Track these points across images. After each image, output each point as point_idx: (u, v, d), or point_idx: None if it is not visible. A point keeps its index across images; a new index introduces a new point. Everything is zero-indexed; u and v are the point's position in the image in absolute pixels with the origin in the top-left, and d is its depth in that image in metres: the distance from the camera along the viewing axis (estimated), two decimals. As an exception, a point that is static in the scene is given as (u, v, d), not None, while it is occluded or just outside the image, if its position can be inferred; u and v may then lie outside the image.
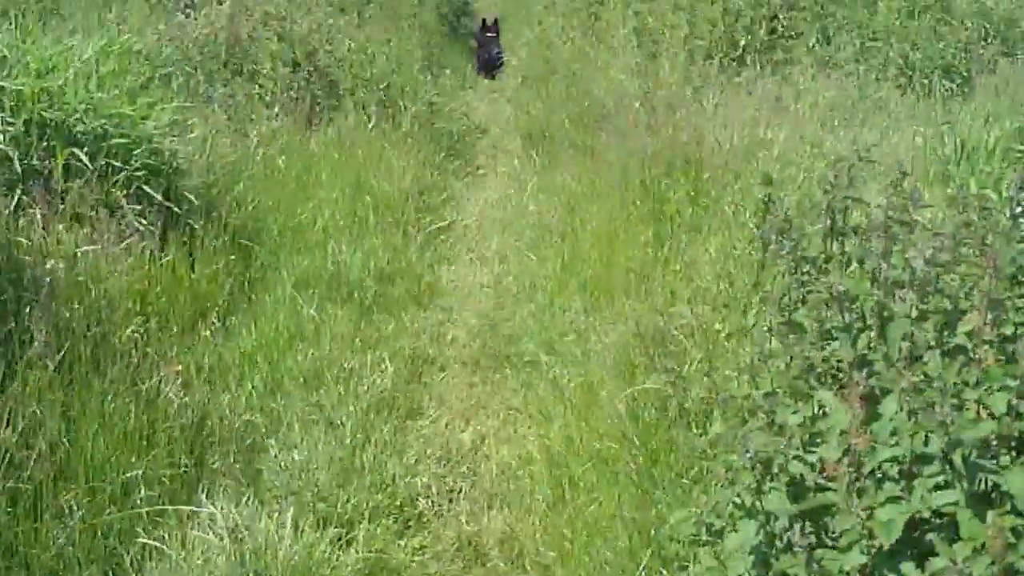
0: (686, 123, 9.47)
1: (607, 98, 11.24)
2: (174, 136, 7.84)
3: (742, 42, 12.34)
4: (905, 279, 3.47)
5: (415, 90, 12.19)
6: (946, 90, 11.11)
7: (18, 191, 6.50)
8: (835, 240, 4.32)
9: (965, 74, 11.58)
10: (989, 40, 12.20)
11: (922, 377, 3.19)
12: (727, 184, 8.05)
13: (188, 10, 12.26)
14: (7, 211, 6.07)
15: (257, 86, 11.01)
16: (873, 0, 13.16)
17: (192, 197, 7.53)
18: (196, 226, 7.31)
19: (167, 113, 8.01)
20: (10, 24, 8.56)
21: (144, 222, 6.88)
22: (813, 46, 12.24)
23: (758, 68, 11.76)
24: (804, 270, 4.14)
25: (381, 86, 11.57)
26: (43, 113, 6.87)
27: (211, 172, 8.16)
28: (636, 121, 9.92)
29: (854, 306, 3.65)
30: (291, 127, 10.34)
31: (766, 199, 5.26)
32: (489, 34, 17.20)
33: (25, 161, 6.67)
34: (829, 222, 4.29)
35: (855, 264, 4.14)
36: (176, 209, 7.27)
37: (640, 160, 8.84)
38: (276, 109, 10.67)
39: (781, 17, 12.82)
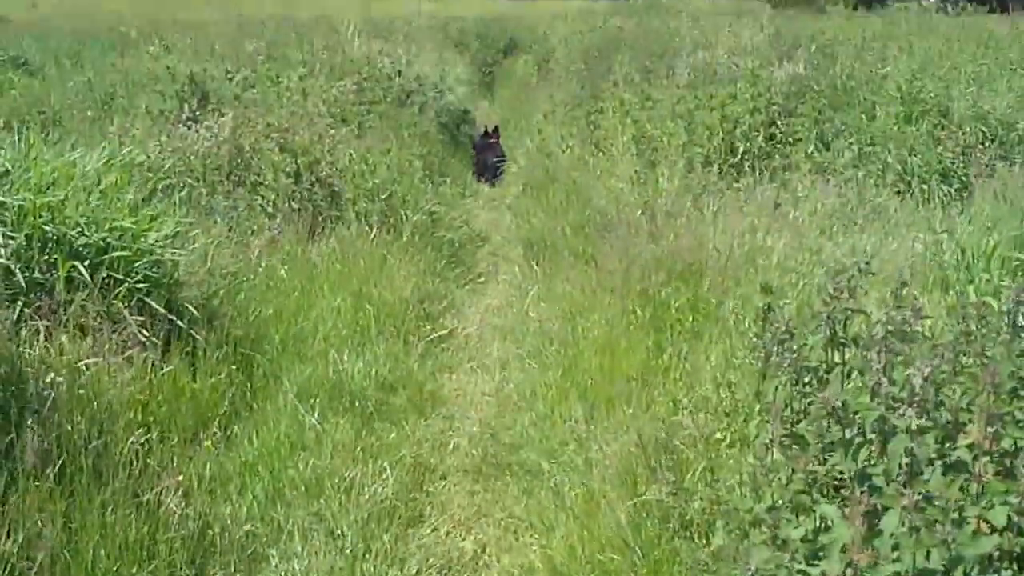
0: (686, 230, 9.54)
1: (607, 206, 11.32)
2: (176, 248, 7.88)
3: (741, 148, 12.38)
4: (905, 396, 3.47)
5: (416, 199, 12.26)
6: (945, 195, 11.12)
7: (20, 303, 6.54)
8: (836, 350, 4.33)
9: (964, 179, 11.52)
10: (987, 144, 12.19)
11: (923, 493, 3.19)
12: (727, 290, 8.09)
13: (191, 122, 12.39)
14: (9, 323, 6.09)
15: (259, 197, 11.09)
16: (871, 106, 13.27)
17: (194, 308, 7.57)
18: (198, 336, 7.35)
19: (169, 225, 8.07)
20: (14, 136, 8.67)
21: (146, 333, 6.92)
22: (811, 152, 12.25)
23: (757, 174, 11.79)
24: (805, 380, 4.15)
25: (382, 196, 11.61)
26: (45, 227, 6.93)
27: (213, 283, 8.22)
28: (636, 229, 9.97)
29: (855, 419, 3.65)
30: (293, 237, 10.39)
31: (766, 308, 5.29)
32: (489, 139, 17.31)
33: (27, 274, 6.71)
34: (829, 332, 4.31)
35: (856, 375, 4.16)
36: (178, 321, 7.29)
37: (640, 268, 8.88)
38: (278, 219, 10.74)
39: (779, 123, 12.88)
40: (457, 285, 11.28)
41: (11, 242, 6.73)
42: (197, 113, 12.99)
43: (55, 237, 6.96)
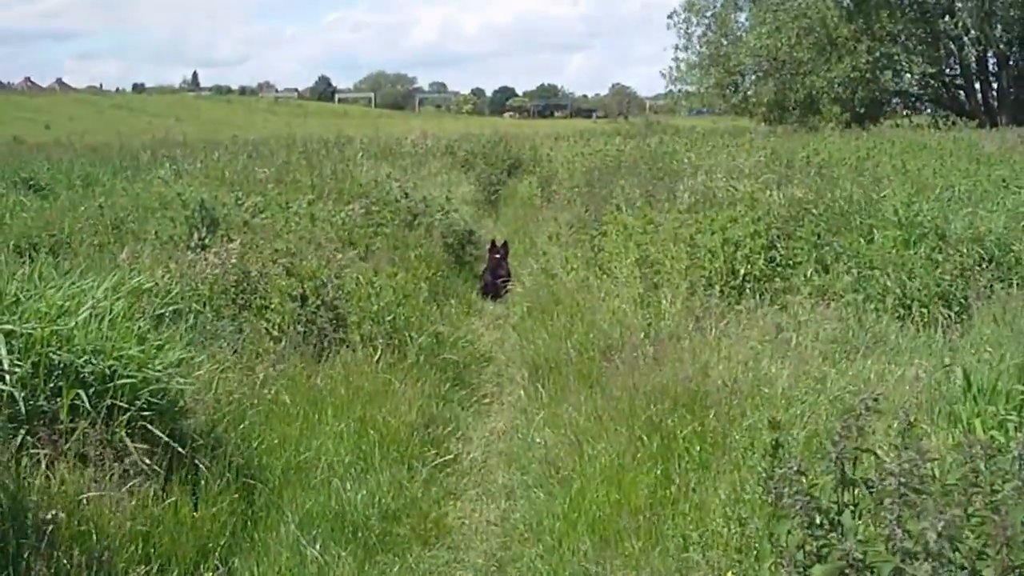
0: (690, 355, 9.55)
1: (611, 329, 11.34)
2: (180, 376, 7.86)
3: (742, 271, 12.44)
4: (919, 550, 3.45)
5: (421, 321, 12.31)
6: (945, 318, 11.11)
7: (22, 432, 6.52)
8: (846, 490, 4.31)
9: (963, 301, 11.54)
10: (985, 266, 12.22)
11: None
12: (733, 420, 8.06)
13: (199, 248, 12.46)
14: (10, 452, 6.08)
15: (265, 321, 11.10)
16: (869, 229, 13.33)
17: (197, 435, 7.55)
18: (200, 465, 7.31)
19: (174, 352, 8.07)
20: (25, 263, 8.72)
21: (148, 461, 6.89)
22: (811, 275, 12.31)
23: (758, 297, 11.86)
24: (817, 522, 4.13)
25: (387, 318, 11.63)
26: (52, 355, 6.92)
27: (217, 410, 8.19)
28: (641, 353, 9.96)
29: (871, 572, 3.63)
30: (298, 362, 10.40)
31: (774, 444, 5.26)
32: (496, 255, 17.42)
33: (31, 402, 6.69)
34: (839, 473, 4.30)
35: (867, 515, 4.13)
36: (180, 449, 7.26)
37: (645, 395, 8.85)
38: (284, 344, 10.76)
39: (779, 246, 12.97)
40: (462, 407, 11.22)
41: (17, 369, 6.71)
42: (206, 239, 13.07)
43: (62, 365, 6.95)
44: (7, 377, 6.63)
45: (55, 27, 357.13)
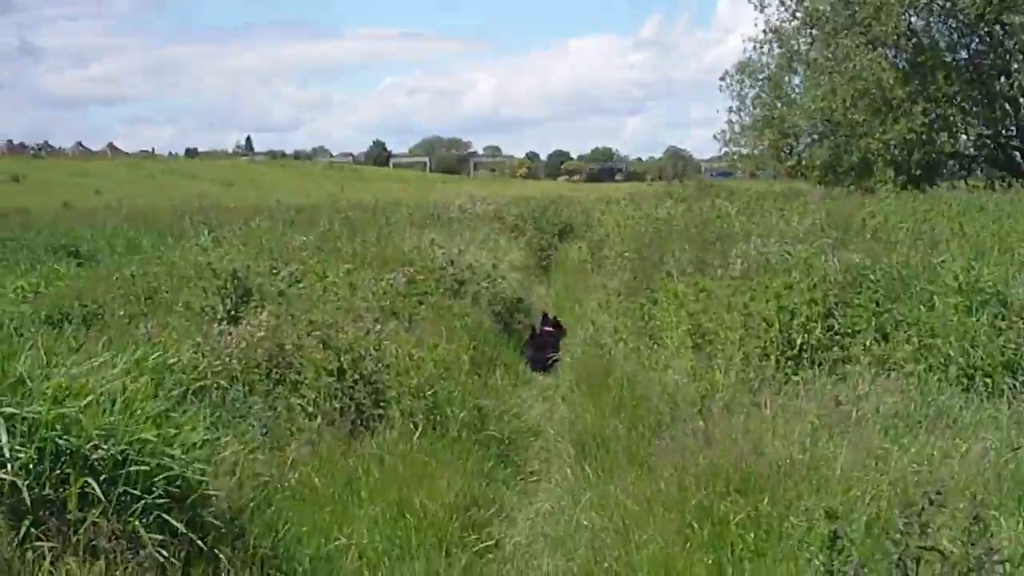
0: (743, 433, 9.17)
1: (662, 403, 11.03)
2: (202, 460, 7.44)
3: (798, 340, 12.01)
4: None
5: (463, 395, 11.91)
6: (1011, 388, 10.68)
7: (27, 523, 6.12)
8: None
9: None
10: None
11: None
12: (790, 504, 7.63)
13: (231, 320, 12.14)
14: (13, 546, 5.70)
15: (299, 396, 10.70)
16: (929, 295, 12.87)
17: (218, 524, 7.12)
18: (222, 556, 6.88)
19: (197, 434, 7.66)
20: (56, 332, 8.42)
21: (165, 554, 6.47)
22: (870, 345, 11.87)
23: (816, 367, 11.47)
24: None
25: (428, 392, 11.23)
26: (58, 440, 6.52)
27: (241, 496, 7.74)
28: (692, 430, 9.57)
29: None
30: (331, 440, 10.01)
31: (832, 535, 4.85)
32: (547, 328, 17.15)
33: (36, 490, 6.30)
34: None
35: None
36: (200, 540, 6.83)
37: (695, 477, 8.44)
38: (318, 420, 10.37)
39: (837, 315, 12.54)
40: (507, 486, 10.84)
41: (20, 456, 6.32)
42: (239, 310, 12.75)
43: (69, 451, 6.55)
44: (9, 465, 6.24)
45: (107, 92, 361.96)
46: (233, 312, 12.90)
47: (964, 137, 47.89)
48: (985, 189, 35.60)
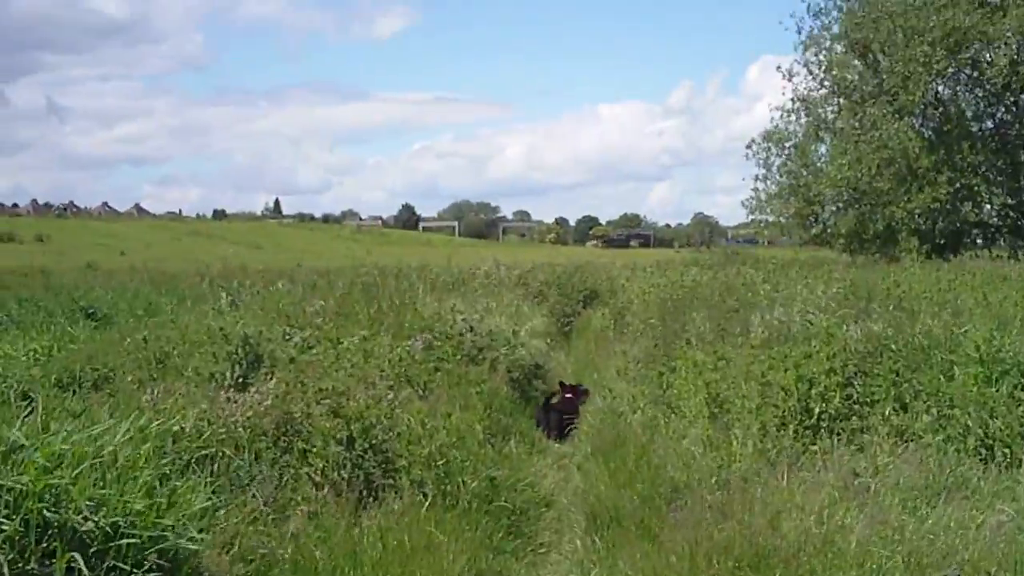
0: (759, 505, 9.08)
1: (677, 474, 10.92)
2: (198, 531, 7.27)
3: (816, 410, 11.83)
4: None
5: (475, 464, 11.75)
6: None
7: (10, 600, 5.97)
8: None
9: None
10: None
11: None
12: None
13: (239, 387, 12.02)
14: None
15: (306, 465, 10.53)
16: (950, 366, 12.70)
17: (213, 599, 6.96)
18: (214, 634, 6.71)
19: (197, 503, 7.50)
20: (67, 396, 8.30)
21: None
22: (889, 415, 11.73)
23: (833, 438, 11.35)
24: None
25: (439, 462, 11.09)
26: (46, 512, 6.36)
27: (237, 569, 7.58)
28: (707, 502, 9.46)
29: None
30: (336, 510, 9.82)
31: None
32: (567, 395, 17.04)
33: (20, 565, 6.13)
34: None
35: None
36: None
37: (707, 552, 8.27)
38: (325, 490, 10.20)
39: (856, 384, 12.38)
40: (516, 558, 10.71)
41: (4, 529, 6.16)
42: (249, 376, 12.64)
43: (56, 524, 6.38)
44: (-9, 539, 6.09)
45: (135, 153, 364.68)
46: (242, 379, 12.77)
47: (988, 206, 47.81)
48: (1008, 259, 35.48)
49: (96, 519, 6.53)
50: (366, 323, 17.98)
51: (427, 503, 10.42)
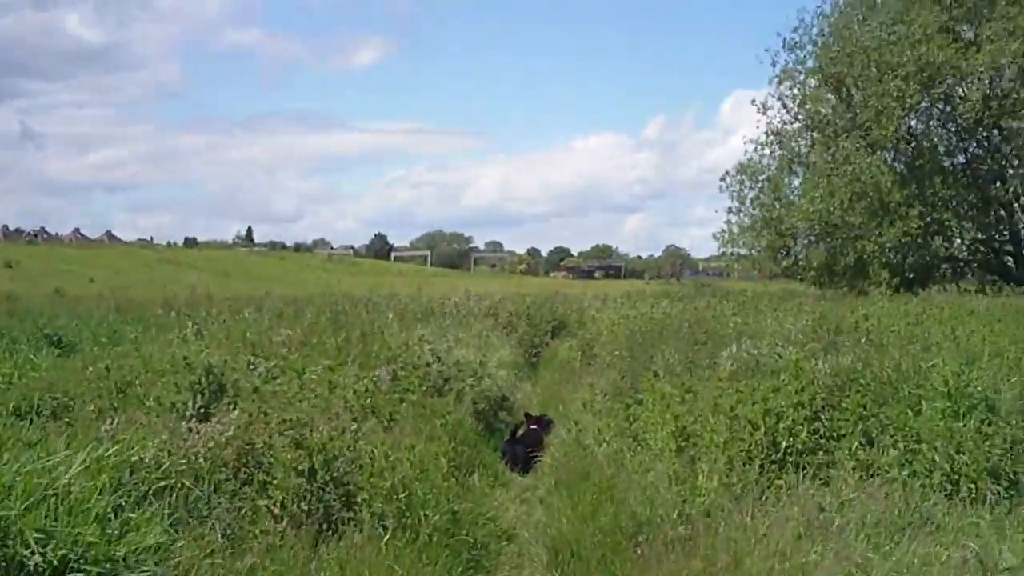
0: (724, 542, 9.12)
1: (641, 509, 10.83)
2: (154, 563, 7.15)
3: (783, 444, 11.81)
4: None
5: (438, 498, 11.66)
6: (994, 495, 10.66)
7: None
8: None
9: (1013, 477, 11.11)
10: None
11: None
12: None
13: (200, 417, 11.90)
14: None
15: (266, 497, 10.40)
16: (917, 400, 12.68)
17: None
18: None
19: (151, 536, 7.38)
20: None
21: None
22: (855, 449, 11.72)
23: (800, 472, 11.32)
24: None
25: (401, 495, 10.99)
26: (-9, 545, 6.25)
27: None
28: (671, 537, 9.38)
29: None
30: (295, 543, 9.69)
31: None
32: (532, 427, 16.95)
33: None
34: None
35: None
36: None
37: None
38: (284, 522, 10.07)
39: (823, 418, 12.36)
40: (475, 593, 10.58)
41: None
42: (211, 406, 12.53)
43: (3, 558, 6.26)
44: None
45: (109, 179, 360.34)
46: (205, 409, 12.65)
47: (958, 241, 48.04)
48: (977, 293, 35.63)
49: (45, 552, 6.40)
50: (332, 353, 17.90)
51: (387, 536, 10.30)
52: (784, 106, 50.43)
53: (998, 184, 47.68)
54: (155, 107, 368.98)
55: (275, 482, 10.54)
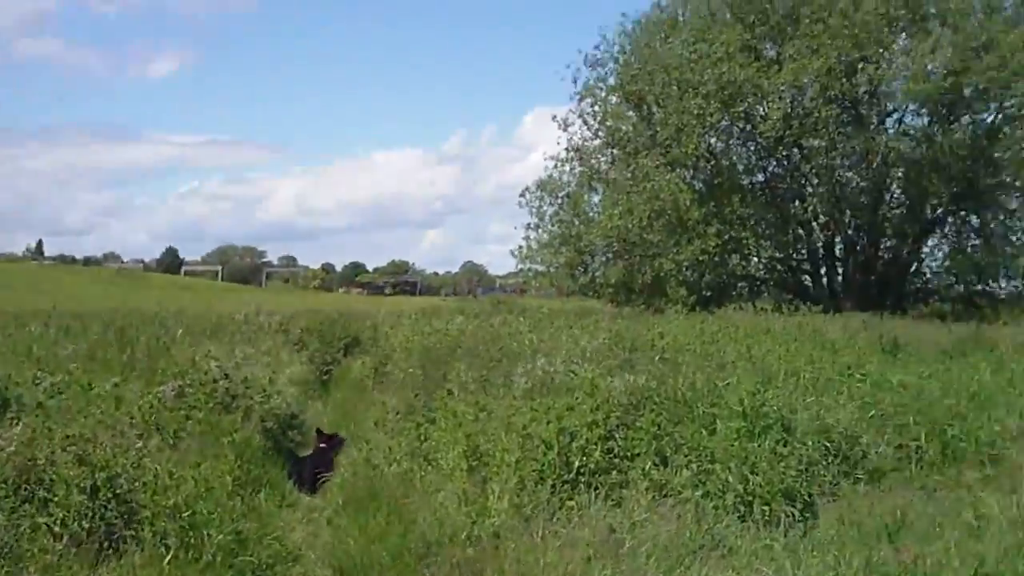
0: (511, 561, 9.03)
1: (432, 531, 10.75)
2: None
3: (576, 463, 11.74)
4: None
5: (222, 517, 11.41)
6: (788, 516, 10.67)
7: None
8: None
9: (807, 498, 11.21)
10: (830, 460, 12.10)
11: None
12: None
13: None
14: None
15: (47, 514, 10.03)
16: (712, 419, 12.74)
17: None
18: None
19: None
20: None
21: None
22: (649, 469, 11.72)
23: (592, 492, 11.30)
24: None
25: (185, 514, 10.71)
26: None
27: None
28: (459, 559, 9.27)
29: None
30: (75, 562, 9.43)
31: None
32: (322, 445, 16.70)
33: None
34: None
35: None
36: None
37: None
38: (64, 541, 9.77)
39: (617, 437, 12.36)
40: (256, 615, 10.35)
41: None
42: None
43: None
44: None
45: None
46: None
47: (755, 259, 48.88)
48: (773, 312, 36.24)
49: None
50: (119, 368, 17.45)
51: (169, 556, 10.07)
52: (585, 123, 50.65)
53: (797, 203, 48.92)
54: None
55: (56, 499, 10.25)
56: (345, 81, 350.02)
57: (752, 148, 50.43)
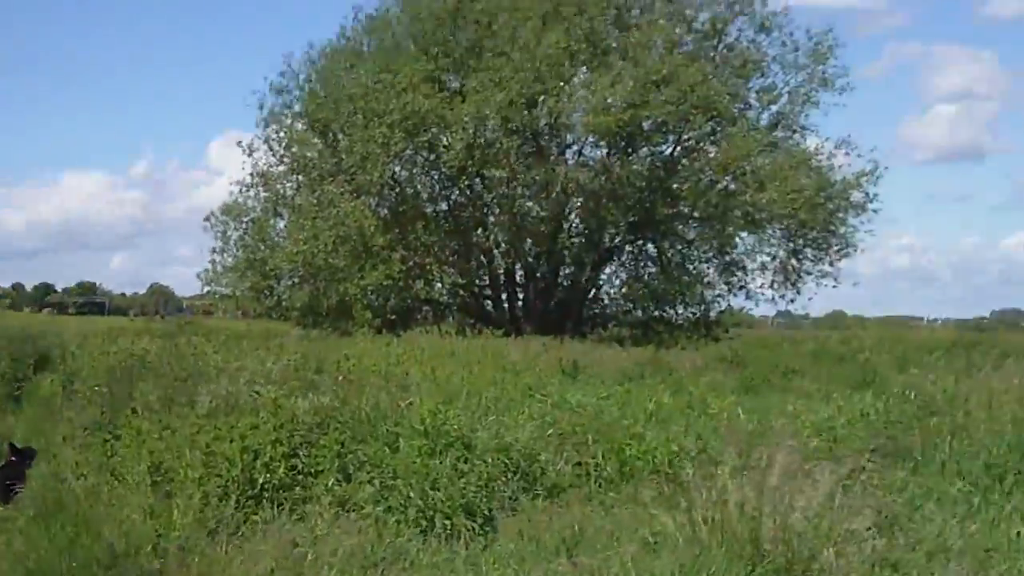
0: (196, 573, 9.07)
1: (119, 542, 10.82)
2: None
3: (260, 480, 12.02)
4: None
5: None
6: (468, 531, 11.09)
7: None
8: None
9: (488, 513, 11.63)
10: (510, 477, 12.48)
11: None
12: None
13: None
14: None
15: None
16: (395, 438, 13.12)
17: None
18: None
19: None
20: None
21: None
22: (332, 485, 12.06)
23: (276, 507, 11.60)
24: None
25: None
26: None
27: None
28: (147, 571, 9.43)
29: None
30: None
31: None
32: (13, 458, 16.49)
33: None
34: None
35: None
36: None
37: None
38: None
39: (301, 455, 12.66)
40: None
41: None
42: None
43: None
44: None
45: None
46: None
47: (439, 284, 49.41)
48: (457, 335, 36.81)
49: None
50: None
51: None
52: (271, 149, 50.53)
53: (479, 231, 49.76)
54: None
55: None
56: (30, 101, 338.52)
57: (436, 177, 50.96)
